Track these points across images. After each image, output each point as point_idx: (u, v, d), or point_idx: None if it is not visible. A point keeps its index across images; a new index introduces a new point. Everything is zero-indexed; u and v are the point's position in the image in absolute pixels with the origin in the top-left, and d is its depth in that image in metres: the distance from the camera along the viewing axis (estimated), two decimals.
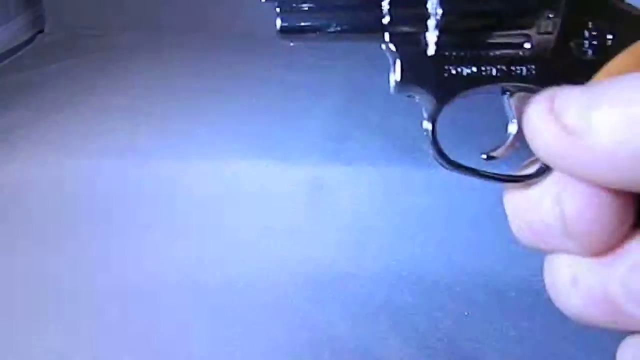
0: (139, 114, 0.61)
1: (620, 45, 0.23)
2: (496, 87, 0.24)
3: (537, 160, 0.19)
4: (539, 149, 0.16)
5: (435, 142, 0.23)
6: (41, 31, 0.88)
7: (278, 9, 0.23)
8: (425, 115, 0.23)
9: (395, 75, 0.23)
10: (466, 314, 0.42)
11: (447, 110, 0.22)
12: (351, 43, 0.23)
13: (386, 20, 0.21)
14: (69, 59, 0.77)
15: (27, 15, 0.87)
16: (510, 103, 0.25)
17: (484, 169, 0.22)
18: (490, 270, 0.44)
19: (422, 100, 0.23)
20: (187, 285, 0.44)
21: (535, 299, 0.43)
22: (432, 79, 0.23)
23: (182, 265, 0.45)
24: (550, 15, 0.23)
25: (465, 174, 0.24)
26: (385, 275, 0.45)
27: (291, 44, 0.23)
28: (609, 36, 0.22)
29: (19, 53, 0.81)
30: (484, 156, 0.23)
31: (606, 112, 0.14)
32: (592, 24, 0.23)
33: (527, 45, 0.24)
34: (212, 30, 0.87)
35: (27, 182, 0.51)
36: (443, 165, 0.23)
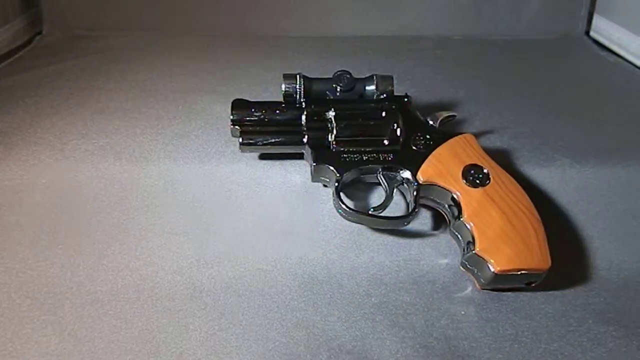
0: (136, 115, 0.61)
1: (435, 143, 0.44)
2: (371, 169, 0.45)
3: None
4: None
5: (338, 195, 0.44)
6: (39, 33, 0.88)
7: (239, 133, 0.48)
8: (331, 182, 0.45)
9: (312, 161, 0.45)
10: (463, 312, 0.42)
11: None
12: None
13: (305, 133, 0.46)
14: (67, 61, 0.77)
15: (25, 17, 0.87)
16: (381, 177, 0.45)
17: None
18: None
19: (330, 176, 0.44)
20: (184, 286, 0.44)
21: (531, 297, 0.43)
22: (334, 160, 0.44)
23: (179, 267, 0.45)
24: (395, 127, 0.44)
25: (360, 220, 0.44)
26: (382, 275, 0.45)
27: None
28: (429, 139, 0.44)
29: (17, 55, 0.81)
30: (372, 210, 0.44)
31: None
32: (419, 133, 0.44)
33: (386, 142, 0.45)
34: (211, 31, 0.87)
35: (24, 184, 0.51)
36: (342, 210, 0.44)
